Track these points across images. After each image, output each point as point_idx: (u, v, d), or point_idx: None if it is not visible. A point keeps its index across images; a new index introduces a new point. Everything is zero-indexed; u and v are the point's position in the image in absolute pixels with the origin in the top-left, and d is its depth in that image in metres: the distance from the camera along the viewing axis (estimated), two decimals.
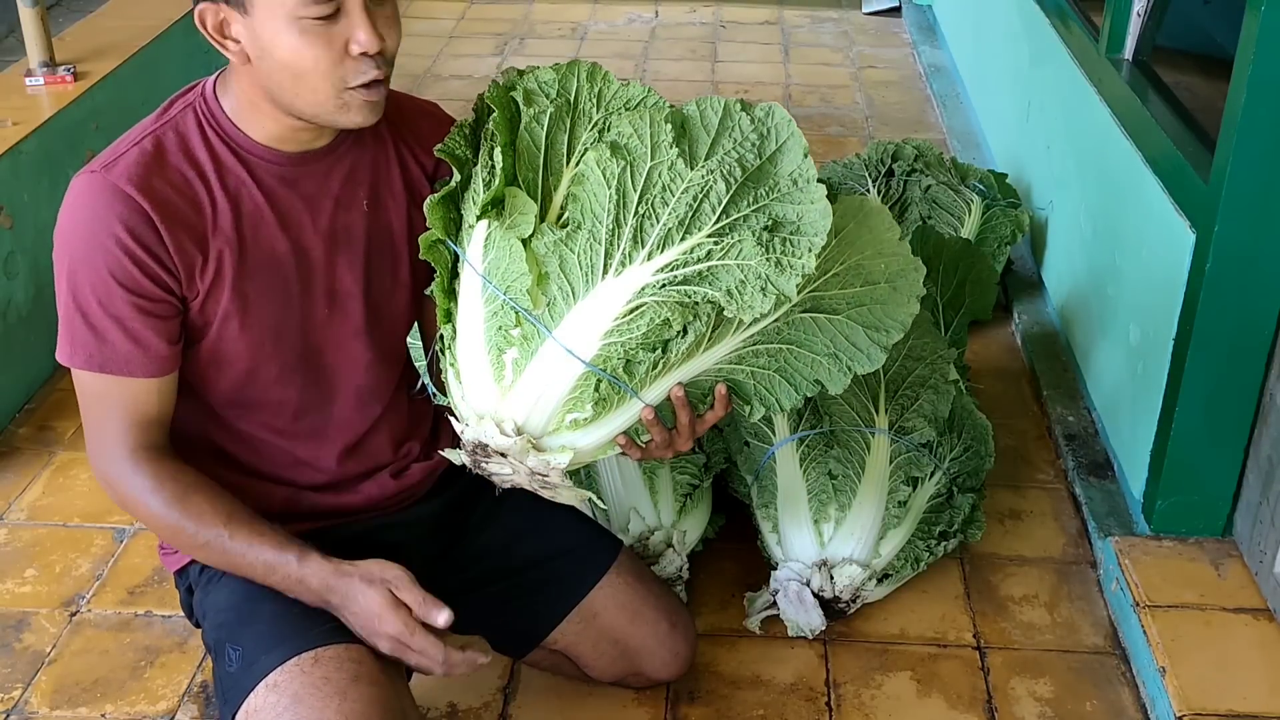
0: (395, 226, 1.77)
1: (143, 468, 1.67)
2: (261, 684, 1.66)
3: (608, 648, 2.04)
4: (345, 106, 1.58)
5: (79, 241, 1.59)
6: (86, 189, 1.59)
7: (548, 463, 1.68)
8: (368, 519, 1.88)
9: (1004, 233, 3.34)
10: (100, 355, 1.62)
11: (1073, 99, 3.19)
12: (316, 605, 1.69)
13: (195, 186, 1.62)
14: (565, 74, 1.69)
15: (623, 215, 1.58)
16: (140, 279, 1.59)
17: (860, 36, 5.64)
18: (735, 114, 1.57)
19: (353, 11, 1.53)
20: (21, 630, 2.32)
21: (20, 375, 2.98)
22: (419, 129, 1.80)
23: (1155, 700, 2.14)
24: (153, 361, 1.64)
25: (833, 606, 2.27)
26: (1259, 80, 2.04)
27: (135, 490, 1.68)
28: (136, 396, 1.66)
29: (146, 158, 1.60)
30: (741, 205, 1.57)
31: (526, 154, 1.65)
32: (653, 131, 1.57)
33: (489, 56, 5.39)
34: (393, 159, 1.76)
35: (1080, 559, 2.52)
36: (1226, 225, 2.15)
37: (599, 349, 1.62)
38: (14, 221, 2.91)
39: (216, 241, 1.63)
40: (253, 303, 1.67)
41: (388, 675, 1.72)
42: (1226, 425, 2.30)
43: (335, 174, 1.71)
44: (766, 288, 1.58)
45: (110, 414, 1.67)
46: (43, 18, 3.24)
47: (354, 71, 1.56)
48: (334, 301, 1.74)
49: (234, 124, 1.65)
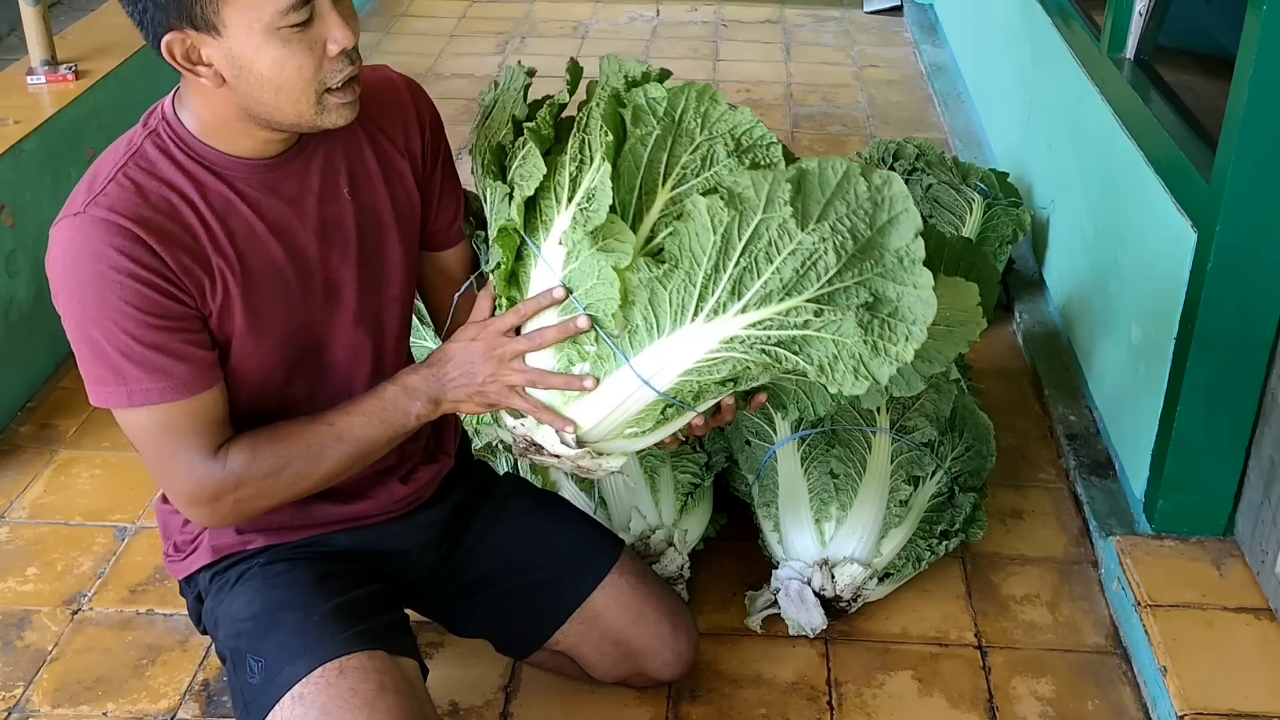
0: (379, 206, 1.74)
1: (229, 453, 1.63)
2: (287, 696, 1.65)
3: (610, 648, 2.04)
4: (325, 110, 1.55)
5: (86, 286, 1.52)
6: (75, 231, 1.52)
7: (600, 465, 1.69)
8: (376, 524, 1.88)
9: (1005, 232, 3.34)
10: (158, 387, 1.56)
11: (1074, 98, 3.19)
12: (431, 410, 1.69)
13: (182, 210, 1.57)
14: (675, 94, 1.63)
15: (723, 263, 1.54)
16: (161, 300, 1.54)
17: (862, 35, 5.64)
18: (854, 178, 1.51)
19: (325, 12, 1.50)
20: (23, 629, 2.32)
21: (22, 374, 2.98)
22: (381, 103, 1.75)
23: (1157, 700, 2.14)
24: (209, 371, 1.60)
25: (834, 605, 2.27)
26: (1260, 80, 2.04)
27: (237, 476, 1.62)
28: (203, 409, 1.60)
29: (126, 191, 1.54)
30: (846, 276, 1.52)
31: (626, 175, 1.62)
32: (770, 187, 1.52)
33: (490, 55, 5.39)
34: (362, 138, 1.73)
35: (1082, 558, 2.52)
36: (1228, 225, 2.15)
37: (674, 383, 1.62)
38: (16, 220, 2.91)
39: (217, 260, 1.59)
40: (263, 316, 1.65)
41: (411, 683, 1.73)
42: (1228, 425, 2.30)
43: (312, 169, 1.67)
44: (859, 370, 1.54)
45: (182, 438, 1.60)
46: (44, 16, 3.24)
47: (332, 71, 1.52)
48: (330, 293, 1.71)
49: (202, 142, 1.59)
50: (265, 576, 1.80)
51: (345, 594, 1.79)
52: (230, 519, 1.68)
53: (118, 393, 1.57)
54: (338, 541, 1.86)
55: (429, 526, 1.95)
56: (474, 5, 6.05)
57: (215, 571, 1.83)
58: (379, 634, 1.75)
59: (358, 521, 1.87)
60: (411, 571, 1.95)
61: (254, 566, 1.81)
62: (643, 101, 1.63)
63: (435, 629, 2.08)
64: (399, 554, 1.92)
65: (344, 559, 1.86)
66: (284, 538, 1.83)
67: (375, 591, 1.84)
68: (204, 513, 1.67)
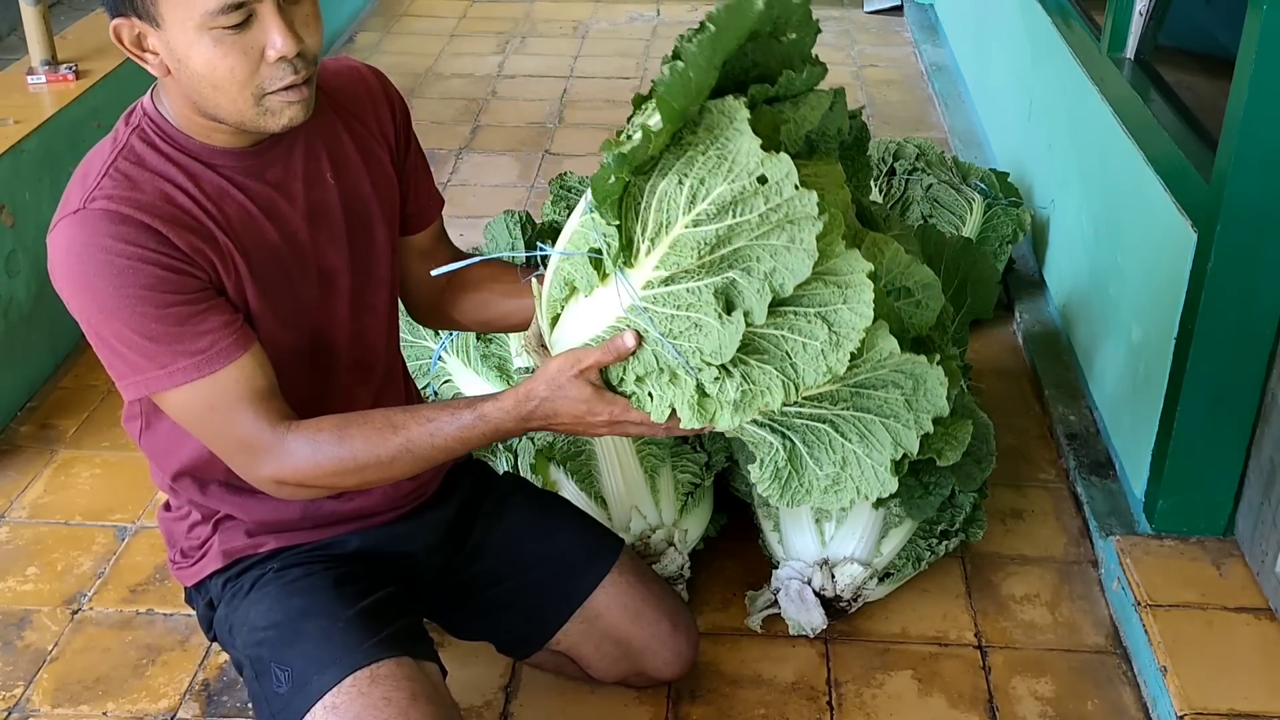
0: (362, 189, 1.74)
1: (295, 433, 1.60)
2: (319, 705, 1.65)
3: (610, 648, 2.04)
4: (267, 113, 1.53)
5: (99, 280, 1.50)
6: (77, 228, 1.51)
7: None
8: (385, 523, 1.89)
9: (1005, 232, 3.35)
10: (194, 361, 1.54)
11: (1074, 98, 3.19)
12: (518, 436, 1.63)
13: (178, 197, 1.56)
14: (836, 250, 1.43)
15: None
16: (176, 279, 1.52)
17: (862, 35, 5.64)
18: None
19: (265, 16, 1.47)
20: (23, 628, 2.32)
21: (22, 373, 2.98)
22: (351, 91, 1.75)
23: (1157, 700, 2.14)
24: (240, 334, 1.57)
25: (834, 605, 2.27)
26: (1261, 80, 2.04)
27: (303, 458, 1.60)
28: (247, 375, 1.57)
29: (120, 183, 1.53)
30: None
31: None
32: None
33: (490, 55, 5.39)
34: (338, 125, 1.73)
35: (1081, 558, 2.52)
36: (1228, 225, 2.15)
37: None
38: (16, 220, 2.91)
39: (224, 238, 1.58)
40: (272, 297, 1.64)
41: (438, 689, 1.74)
42: (1228, 425, 2.30)
43: (295, 154, 1.67)
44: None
45: (234, 410, 1.58)
46: (44, 16, 3.24)
47: (270, 77, 1.50)
48: (324, 279, 1.71)
49: (183, 133, 1.59)
50: (282, 583, 1.79)
51: (366, 598, 1.79)
52: (299, 495, 1.68)
53: (156, 377, 1.55)
54: (349, 544, 1.86)
55: (436, 527, 1.96)
56: (474, 5, 6.05)
57: (228, 577, 1.82)
58: (403, 639, 1.76)
59: (366, 520, 1.87)
60: (418, 574, 1.95)
61: (268, 572, 1.81)
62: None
63: (435, 629, 2.08)
64: (407, 555, 1.93)
65: (356, 561, 1.86)
66: (294, 539, 1.83)
67: (391, 594, 1.84)
68: (269, 486, 1.64)
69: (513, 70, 5.21)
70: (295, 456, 1.60)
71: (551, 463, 2.36)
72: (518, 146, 4.45)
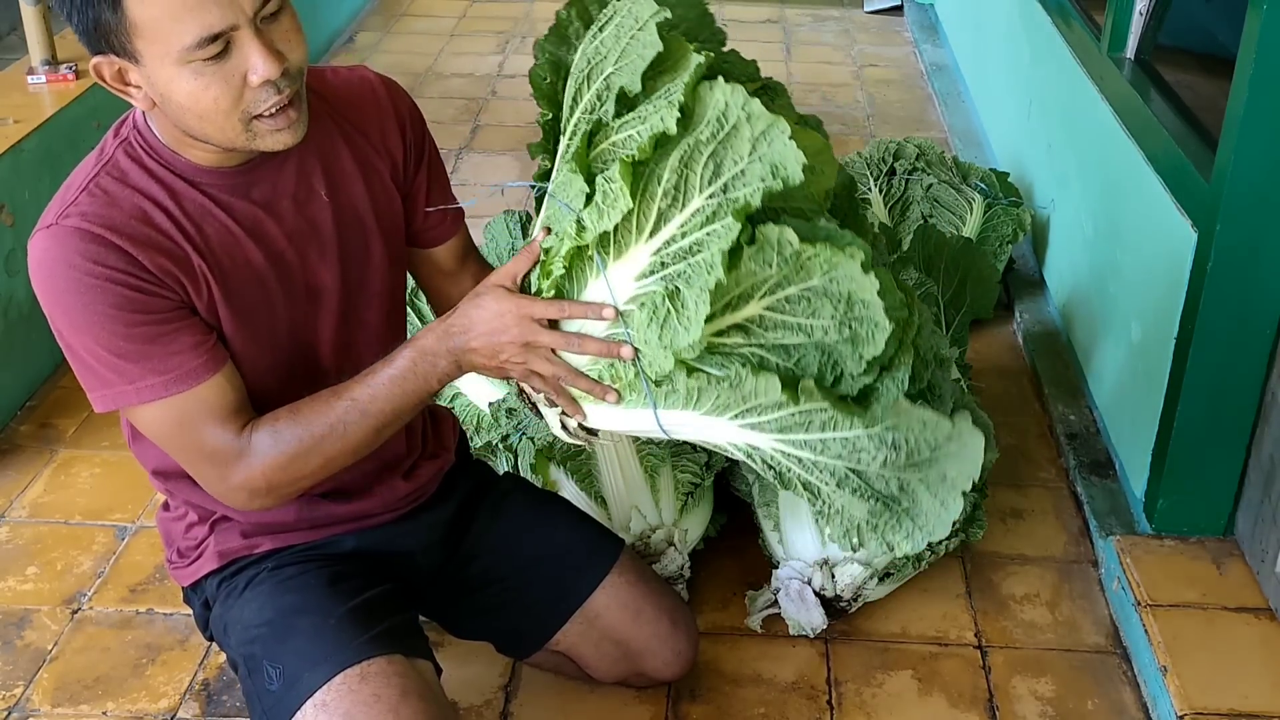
0: (359, 206, 1.72)
1: (256, 430, 1.60)
2: (309, 703, 1.65)
3: (610, 648, 2.04)
4: (257, 135, 1.53)
5: (68, 296, 1.52)
6: (51, 243, 1.52)
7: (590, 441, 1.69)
8: (382, 524, 1.89)
9: (1005, 231, 3.35)
10: (162, 380, 1.55)
11: (1074, 97, 3.19)
12: (453, 371, 1.62)
13: (155, 216, 1.56)
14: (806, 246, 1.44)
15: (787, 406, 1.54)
16: (144, 299, 1.53)
17: (862, 35, 5.64)
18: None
19: (244, 42, 1.45)
20: (23, 628, 2.32)
21: (22, 373, 2.98)
22: (356, 103, 1.74)
23: (1157, 699, 2.14)
24: (210, 355, 1.58)
25: (834, 605, 2.27)
26: (1260, 79, 2.04)
27: (267, 451, 1.60)
28: (214, 394, 1.58)
29: (97, 200, 1.54)
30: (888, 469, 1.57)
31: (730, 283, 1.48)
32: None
33: (490, 55, 5.39)
34: (337, 138, 1.71)
35: (1081, 558, 2.52)
36: (1228, 224, 2.15)
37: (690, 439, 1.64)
38: (15, 219, 2.91)
39: (198, 261, 1.58)
40: (250, 318, 1.64)
41: (430, 686, 1.73)
42: (1228, 424, 2.30)
43: (286, 173, 1.66)
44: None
45: (202, 426, 1.59)
46: (45, 16, 3.24)
47: (256, 100, 1.49)
48: (311, 296, 1.70)
49: (171, 150, 1.58)
50: (276, 581, 1.79)
51: (359, 596, 1.78)
52: (271, 500, 1.66)
53: (124, 392, 1.56)
54: (344, 544, 1.86)
55: (434, 527, 1.96)
56: (474, 5, 6.04)
57: (223, 577, 1.82)
58: (396, 636, 1.76)
59: (363, 521, 1.87)
60: (417, 573, 1.95)
61: (263, 571, 1.81)
62: (774, 237, 1.43)
63: (435, 629, 2.08)
64: (405, 555, 1.92)
65: (353, 560, 1.86)
66: (291, 540, 1.83)
67: (386, 592, 1.84)
68: (241, 496, 1.64)
69: (513, 70, 5.21)
70: (260, 452, 1.61)
71: (552, 463, 2.36)
72: (518, 146, 4.44)
